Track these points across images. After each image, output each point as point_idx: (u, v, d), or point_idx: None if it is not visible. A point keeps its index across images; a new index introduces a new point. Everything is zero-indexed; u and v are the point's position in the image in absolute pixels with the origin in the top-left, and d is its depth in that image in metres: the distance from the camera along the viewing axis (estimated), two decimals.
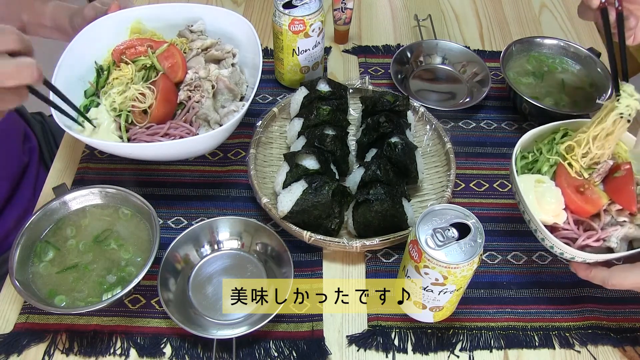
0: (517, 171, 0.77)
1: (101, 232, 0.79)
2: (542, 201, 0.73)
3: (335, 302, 0.79)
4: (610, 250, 0.73)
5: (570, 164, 0.76)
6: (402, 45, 1.12)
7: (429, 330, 0.76)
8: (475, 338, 0.76)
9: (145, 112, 0.86)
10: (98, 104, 0.88)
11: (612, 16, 0.75)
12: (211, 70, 0.91)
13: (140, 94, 0.86)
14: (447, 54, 1.10)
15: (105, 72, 0.91)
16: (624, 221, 0.73)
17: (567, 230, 0.73)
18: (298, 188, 0.80)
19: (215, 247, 0.82)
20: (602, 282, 0.70)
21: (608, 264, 0.72)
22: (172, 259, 0.78)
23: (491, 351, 0.75)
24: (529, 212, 0.72)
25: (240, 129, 0.94)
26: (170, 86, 0.89)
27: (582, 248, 0.72)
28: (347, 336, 0.76)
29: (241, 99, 0.94)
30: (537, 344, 0.76)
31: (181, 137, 0.85)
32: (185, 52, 0.94)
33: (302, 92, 0.94)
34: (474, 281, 0.74)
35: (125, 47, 0.91)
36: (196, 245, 0.81)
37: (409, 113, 0.94)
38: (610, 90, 0.98)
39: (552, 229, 0.73)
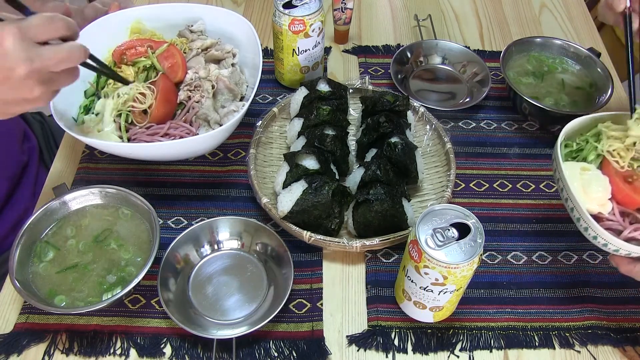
0: (561, 157, 0.74)
1: (101, 232, 0.79)
2: (588, 189, 0.71)
3: (335, 302, 0.79)
4: None
5: (616, 158, 0.73)
6: (402, 45, 1.12)
7: (429, 330, 0.76)
8: (475, 338, 0.76)
9: (145, 112, 0.86)
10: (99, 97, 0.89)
11: (636, 24, 0.72)
12: (211, 70, 0.91)
13: (140, 93, 0.86)
14: (447, 54, 1.10)
15: None
16: None
17: (612, 221, 0.71)
18: (298, 188, 0.80)
19: (215, 247, 0.82)
20: None
21: None
22: (172, 259, 0.78)
23: (491, 351, 0.75)
24: (574, 199, 0.69)
25: (240, 129, 0.94)
26: (170, 86, 0.89)
27: (628, 241, 0.69)
28: (347, 336, 0.76)
29: (241, 99, 0.94)
30: (537, 344, 0.76)
31: (181, 137, 0.85)
32: (185, 52, 0.94)
33: (302, 92, 0.94)
34: (474, 281, 0.74)
35: (125, 47, 0.91)
36: (196, 245, 0.81)
37: (409, 113, 0.94)
38: (610, 90, 0.98)
39: (596, 219, 0.70)
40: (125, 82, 0.85)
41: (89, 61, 0.71)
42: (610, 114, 0.79)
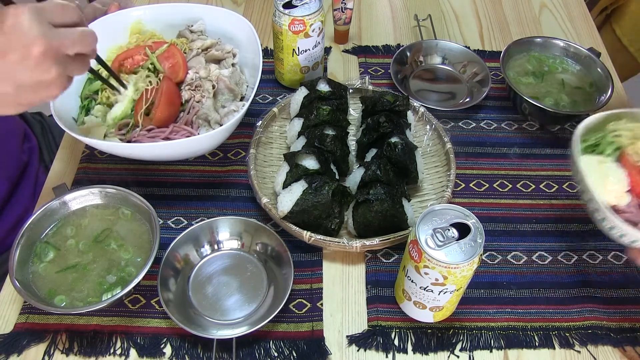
0: (579, 150, 0.74)
1: (101, 232, 0.79)
2: (605, 182, 0.71)
3: (335, 302, 0.79)
4: None
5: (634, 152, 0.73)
6: (402, 45, 1.12)
7: (429, 330, 0.76)
8: (475, 338, 0.76)
9: (147, 114, 0.86)
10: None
11: None
12: (211, 70, 0.91)
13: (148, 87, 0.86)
14: (447, 54, 1.10)
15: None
16: None
17: (629, 213, 0.71)
18: (298, 188, 0.80)
19: (215, 247, 0.82)
20: None
21: None
22: (172, 259, 0.78)
23: (491, 351, 0.75)
24: (590, 191, 0.69)
25: (240, 129, 0.94)
26: (174, 89, 0.88)
27: None
28: (347, 336, 0.76)
29: (241, 99, 0.94)
30: (537, 344, 0.76)
31: None
32: (185, 52, 0.94)
33: (302, 92, 0.94)
34: (474, 281, 0.74)
35: (123, 57, 0.91)
36: (196, 245, 0.81)
37: (409, 113, 0.94)
38: (610, 90, 0.98)
39: (614, 211, 0.70)
40: (123, 85, 0.85)
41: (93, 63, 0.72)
42: (627, 110, 0.79)
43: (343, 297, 0.80)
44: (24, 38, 0.58)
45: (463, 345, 0.76)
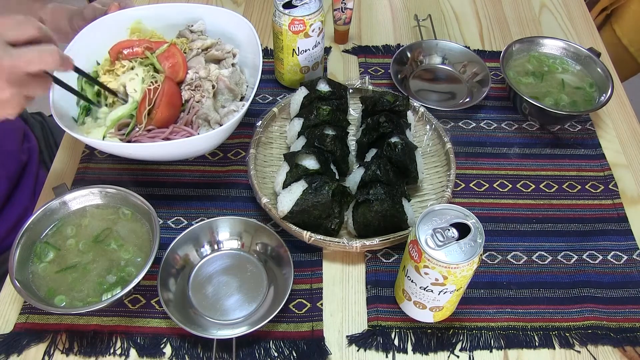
0: None
1: (101, 232, 0.79)
2: None
3: (335, 302, 0.79)
4: None
5: None
6: (402, 45, 1.12)
7: (429, 330, 0.76)
8: (475, 338, 0.76)
9: (148, 114, 0.86)
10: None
11: None
12: (211, 70, 0.91)
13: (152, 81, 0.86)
14: (447, 54, 1.10)
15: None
16: None
17: None
18: (298, 188, 0.80)
19: (215, 247, 0.82)
20: None
21: None
22: (172, 259, 0.78)
23: (491, 351, 0.75)
24: None
25: (240, 129, 0.94)
26: (175, 90, 0.88)
27: None
28: (347, 336, 0.76)
29: (241, 99, 0.94)
30: (537, 344, 0.76)
31: None
32: (185, 52, 0.94)
33: (302, 92, 0.94)
34: (474, 281, 0.74)
35: (123, 46, 0.91)
36: (196, 245, 0.81)
37: (409, 113, 0.94)
38: (610, 90, 0.98)
39: None
40: (114, 93, 0.85)
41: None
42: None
43: (343, 297, 0.80)
44: None
45: (463, 345, 0.76)
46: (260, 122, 0.94)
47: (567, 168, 0.96)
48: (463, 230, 0.65)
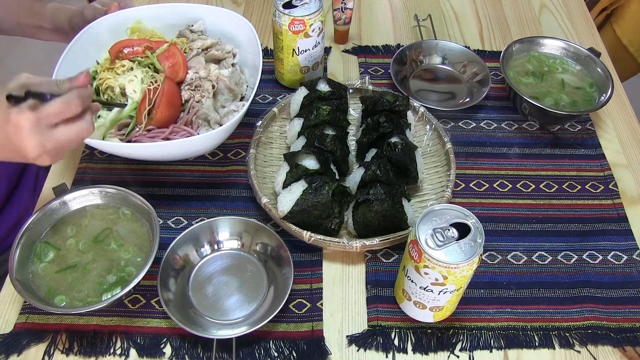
0: None
1: (101, 232, 0.79)
2: None
3: (335, 302, 0.79)
4: None
5: None
6: (402, 45, 1.12)
7: (429, 330, 0.76)
8: (475, 338, 0.76)
9: (148, 113, 0.86)
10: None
11: None
12: (211, 70, 0.91)
13: (152, 81, 0.86)
14: (447, 54, 1.10)
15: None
16: None
17: None
18: (298, 188, 0.80)
19: (215, 247, 0.82)
20: None
21: None
22: (172, 259, 0.78)
23: (491, 351, 0.75)
24: None
25: (240, 129, 0.94)
26: (175, 90, 0.88)
27: None
28: (347, 336, 0.76)
29: (241, 99, 0.94)
30: (537, 344, 0.76)
31: None
32: (185, 52, 0.94)
33: (302, 92, 0.94)
34: (474, 281, 0.74)
35: (123, 45, 0.91)
36: (196, 245, 0.81)
37: (409, 113, 0.94)
38: (610, 90, 0.98)
39: None
40: (122, 105, 0.86)
41: None
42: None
43: (343, 297, 0.80)
44: (22, 147, 0.63)
45: (463, 345, 0.76)
46: (260, 122, 0.94)
47: (567, 168, 0.96)
48: (463, 230, 0.65)
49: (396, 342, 0.76)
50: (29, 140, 0.62)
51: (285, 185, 0.82)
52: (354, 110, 1.01)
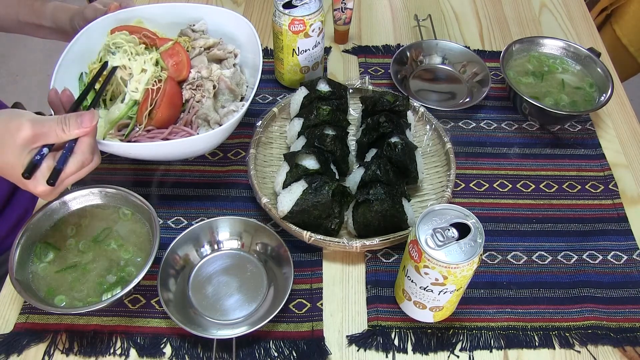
0: None
1: (101, 232, 0.79)
2: None
3: (335, 302, 0.79)
4: None
5: None
6: (402, 45, 1.12)
7: (429, 330, 0.76)
8: (475, 338, 0.76)
9: (148, 114, 0.86)
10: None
11: None
12: (213, 70, 0.91)
13: (157, 80, 0.86)
14: (447, 54, 1.10)
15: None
16: None
17: None
18: (298, 188, 0.80)
19: (215, 247, 0.82)
20: None
21: None
22: (172, 259, 0.78)
23: (491, 351, 0.75)
24: None
25: (240, 129, 0.94)
26: (176, 90, 0.88)
27: None
28: (347, 336, 0.76)
29: (241, 99, 0.94)
30: (537, 344, 0.76)
31: None
32: (188, 50, 0.94)
33: (302, 92, 0.94)
34: (474, 281, 0.74)
35: (124, 30, 0.90)
36: (196, 245, 0.81)
37: (409, 113, 0.94)
38: (610, 90, 0.98)
39: None
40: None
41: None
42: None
43: (343, 297, 0.80)
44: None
45: (463, 345, 0.76)
46: (260, 122, 0.94)
47: (567, 168, 0.96)
48: (463, 230, 0.65)
49: (396, 342, 0.76)
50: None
51: (285, 185, 0.82)
52: (354, 110, 1.01)
